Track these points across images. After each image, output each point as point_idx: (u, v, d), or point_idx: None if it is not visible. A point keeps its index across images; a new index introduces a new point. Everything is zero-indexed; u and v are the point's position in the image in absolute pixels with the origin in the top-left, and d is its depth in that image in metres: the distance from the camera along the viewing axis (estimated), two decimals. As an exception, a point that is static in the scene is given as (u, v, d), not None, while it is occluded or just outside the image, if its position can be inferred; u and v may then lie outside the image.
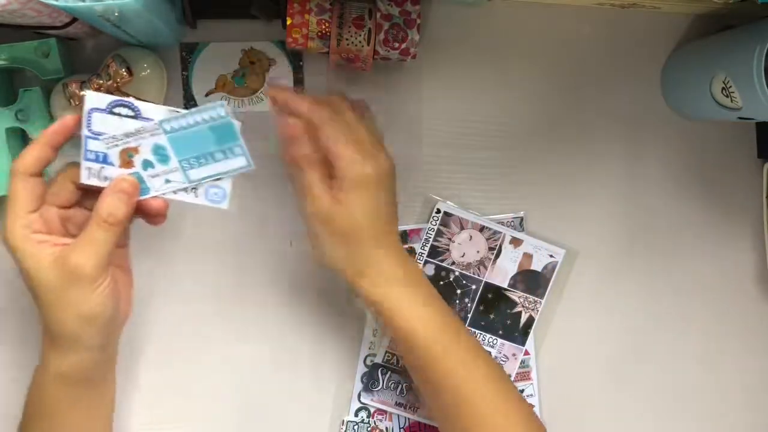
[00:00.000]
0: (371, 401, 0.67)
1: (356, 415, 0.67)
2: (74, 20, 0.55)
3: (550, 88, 0.68)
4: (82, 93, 0.54)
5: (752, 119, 0.59)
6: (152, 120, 0.52)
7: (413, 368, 0.58)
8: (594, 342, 0.69)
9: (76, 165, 0.53)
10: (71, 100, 0.59)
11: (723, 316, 0.70)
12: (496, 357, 0.67)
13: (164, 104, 0.64)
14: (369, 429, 0.67)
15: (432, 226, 0.67)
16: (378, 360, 0.67)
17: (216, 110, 0.52)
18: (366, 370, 0.67)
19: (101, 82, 0.60)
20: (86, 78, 0.60)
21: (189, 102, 0.66)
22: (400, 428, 0.67)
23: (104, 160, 0.52)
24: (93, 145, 0.52)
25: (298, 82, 0.66)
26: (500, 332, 0.67)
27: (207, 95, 0.66)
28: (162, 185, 0.53)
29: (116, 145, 0.52)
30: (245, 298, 0.67)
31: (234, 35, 0.65)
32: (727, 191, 0.70)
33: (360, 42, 0.60)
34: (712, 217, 0.70)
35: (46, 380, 0.54)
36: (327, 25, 0.60)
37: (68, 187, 0.53)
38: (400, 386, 0.67)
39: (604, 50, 0.68)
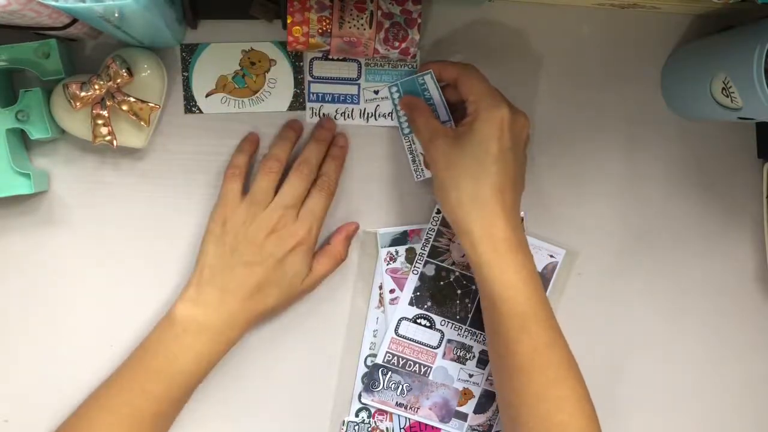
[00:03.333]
0: (372, 401, 0.67)
1: (357, 415, 0.67)
2: (74, 21, 0.55)
3: (549, 88, 0.68)
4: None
5: (752, 119, 0.59)
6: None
7: (490, 324, 0.60)
8: (594, 342, 0.69)
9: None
10: (72, 101, 0.59)
11: (723, 316, 0.70)
12: (496, 357, 0.67)
13: (163, 106, 0.64)
14: (369, 429, 0.67)
15: (432, 227, 0.67)
16: (378, 360, 0.67)
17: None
18: (366, 370, 0.67)
19: (101, 82, 0.60)
20: (86, 79, 0.60)
21: (189, 103, 0.66)
22: (400, 428, 0.67)
23: (322, 99, 0.66)
24: (314, 87, 0.66)
25: (298, 82, 0.66)
26: (500, 332, 0.67)
27: (207, 96, 0.66)
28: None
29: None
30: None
31: (234, 36, 0.65)
32: (727, 191, 0.70)
33: (362, 25, 0.60)
34: (712, 217, 0.70)
35: (221, 350, 0.62)
36: (327, 22, 0.60)
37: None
38: (400, 386, 0.67)
39: (604, 50, 0.68)
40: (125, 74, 0.60)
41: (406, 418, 0.67)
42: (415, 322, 0.67)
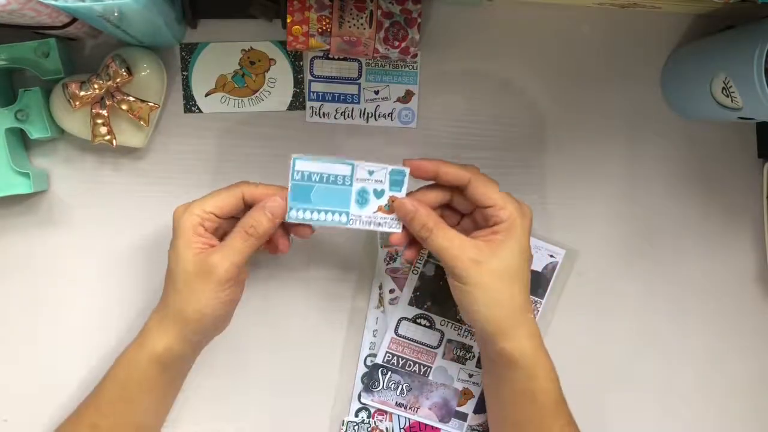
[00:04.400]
0: (371, 401, 0.67)
1: (356, 415, 0.67)
2: (74, 20, 0.55)
3: (549, 88, 0.68)
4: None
5: (752, 119, 0.59)
6: None
7: (521, 413, 0.58)
8: (594, 342, 0.69)
9: (249, 183, 0.57)
10: (71, 101, 0.59)
11: (723, 316, 0.70)
12: (496, 357, 0.67)
13: (163, 105, 0.64)
14: (369, 429, 0.67)
15: (432, 226, 0.67)
16: (378, 360, 0.67)
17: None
18: (366, 370, 0.67)
19: (101, 82, 0.60)
20: (86, 78, 0.60)
21: (189, 102, 0.66)
22: (400, 428, 0.67)
23: (323, 98, 0.64)
24: (315, 87, 0.65)
25: (298, 82, 0.66)
26: (500, 332, 0.67)
27: (207, 95, 0.66)
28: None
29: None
30: (243, 300, 0.66)
31: (234, 35, 0.65)
32: (727, 191, 0.70)
33: (362, 25, 0.60)
34: (712, 217, 0.70)
35: (140, 357, 0.57)
36: (327, 21, 0.60)
37: (236, 200, 0.56)
38: (400, 386, 0.67)
39: (604, 50, 0.68)
40: (125, 73, 0.60)
41: (406, 418, 0.67)
42: (415, 322, 0.67)
